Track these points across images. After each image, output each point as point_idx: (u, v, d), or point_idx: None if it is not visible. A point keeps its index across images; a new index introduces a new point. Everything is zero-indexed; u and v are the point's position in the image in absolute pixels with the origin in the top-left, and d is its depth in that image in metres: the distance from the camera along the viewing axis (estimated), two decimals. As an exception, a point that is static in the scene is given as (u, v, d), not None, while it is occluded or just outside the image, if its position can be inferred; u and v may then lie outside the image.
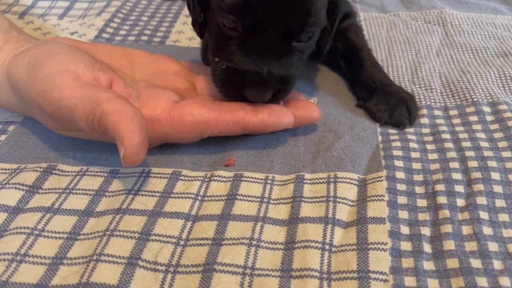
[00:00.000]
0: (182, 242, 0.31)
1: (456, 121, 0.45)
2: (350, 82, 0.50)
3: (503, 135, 0.42)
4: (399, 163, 0.39)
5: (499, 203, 0.35)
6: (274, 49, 0.37)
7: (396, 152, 0.40)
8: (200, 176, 0.38)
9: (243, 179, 0.37)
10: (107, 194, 0.36)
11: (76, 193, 0.36)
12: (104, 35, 0.61)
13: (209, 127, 0.37)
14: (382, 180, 0.37)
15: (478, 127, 0.43)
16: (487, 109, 0.46)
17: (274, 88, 0.38)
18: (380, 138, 0.43)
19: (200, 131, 0.37)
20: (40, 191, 0.36)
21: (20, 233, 0.31)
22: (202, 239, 0.32)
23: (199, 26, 0.43)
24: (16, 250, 0.30)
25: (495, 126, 0.43)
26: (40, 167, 0.38)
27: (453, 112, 0.46)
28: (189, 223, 0.33)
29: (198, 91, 0.43)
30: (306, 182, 0.37)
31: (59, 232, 0.32)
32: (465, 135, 0.42)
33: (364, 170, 0.38)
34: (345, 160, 0.39)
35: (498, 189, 0.36)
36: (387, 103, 0.45)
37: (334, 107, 0.47)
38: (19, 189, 0.35)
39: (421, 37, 0.60)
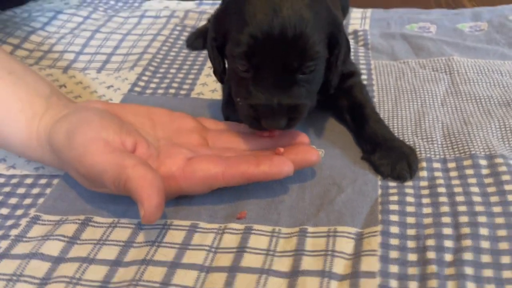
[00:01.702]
0: (196, 292, 0.36)
1: (454, 174, 0.48)
2: (356, 135, 0.54)
3: (496, 189, 0.45)
4: (394, 218, 0.42)
5: (485, 258, 0.38)
6: (281, 83, 0.45)
7: (393, 207, 0.44)
8: (214, 228, 0.43)
9: (252, 231, 0.42)
10: (134, 245, 0.41)
11: (109, 244, 0.41)
12: (136, 88, 0.68)
13: (217, 181, 0.43)
14: (377, 235, 0.40)
15: (473, 180, 0.46)
16: (483, 162, 0.48)
17: (287, 116, 0.45)
18: (379, 192, 0.46)
19: (210, 184, 0.44)
20: (78, 241, 0.42)
21: (61, 281, 0.37)
22: (213, 289, 0.36)
23: (219, 74, 0.52)
24: (57, 297, 0.36)
25: (489, 180, 0.46)
26: (79, 219, 0.44)
27: (451, 165, 0.49)
28: (202, 274, 0.38)
29: (209, 145, 0.50)
30: (308, 236, 0.41)
31: (92, 281, 0.37)
32: (460, 189, 0.45)
33: (362, 224, 0.42)
34: (346, 214, 0.43)
35: (485, 244, 0.39)
36: (389, 157, 0.49)
37: (340, 159, 0.52)
38: (61, 240, 0.41)
39: (428, 86, 0.64)
